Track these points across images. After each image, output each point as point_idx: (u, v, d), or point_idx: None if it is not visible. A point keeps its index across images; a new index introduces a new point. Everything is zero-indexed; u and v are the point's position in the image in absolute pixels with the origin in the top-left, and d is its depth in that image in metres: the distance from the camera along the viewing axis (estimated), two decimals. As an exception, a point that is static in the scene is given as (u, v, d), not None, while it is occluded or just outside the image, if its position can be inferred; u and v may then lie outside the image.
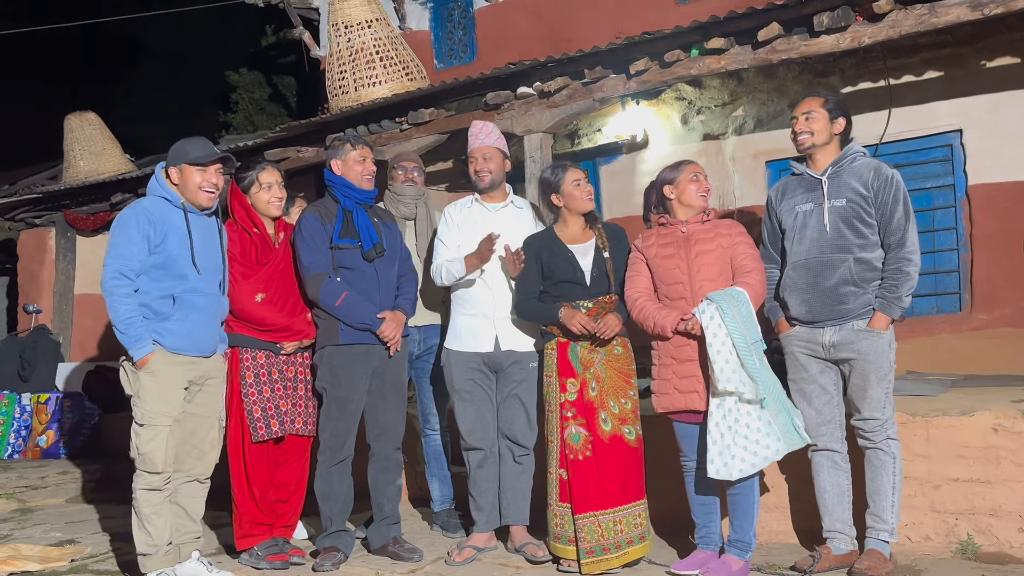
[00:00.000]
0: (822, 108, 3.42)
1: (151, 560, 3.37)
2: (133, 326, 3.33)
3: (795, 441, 3.30)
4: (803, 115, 3.44)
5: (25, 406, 7.19)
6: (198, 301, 3.45)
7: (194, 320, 3.43)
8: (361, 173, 3.86)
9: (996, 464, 3.51)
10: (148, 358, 3.35)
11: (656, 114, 6.58)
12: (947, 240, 5.54)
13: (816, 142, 3.42)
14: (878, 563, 3.28)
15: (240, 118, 13.62)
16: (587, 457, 3.51)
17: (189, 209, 3.50)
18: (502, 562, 3.75)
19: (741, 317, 3.25)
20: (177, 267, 3.42)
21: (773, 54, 4.62)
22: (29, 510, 5.37)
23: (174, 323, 3.40)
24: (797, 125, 3.46)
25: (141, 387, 3.38)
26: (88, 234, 8.66)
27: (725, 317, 3.24)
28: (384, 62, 6.24)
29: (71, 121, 8.41)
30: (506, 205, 3.95)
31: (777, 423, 3.28)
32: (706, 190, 3.51)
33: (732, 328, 3.23)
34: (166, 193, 3.50)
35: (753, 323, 3.28)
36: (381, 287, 3.80)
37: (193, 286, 3.44)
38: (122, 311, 3.32)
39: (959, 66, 5.33)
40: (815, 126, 3.41)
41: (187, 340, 3.42)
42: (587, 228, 3.72)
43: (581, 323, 3.52)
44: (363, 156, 3.87)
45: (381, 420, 3.85)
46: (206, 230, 3.56)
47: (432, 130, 5.92)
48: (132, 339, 3.33)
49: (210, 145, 3.57)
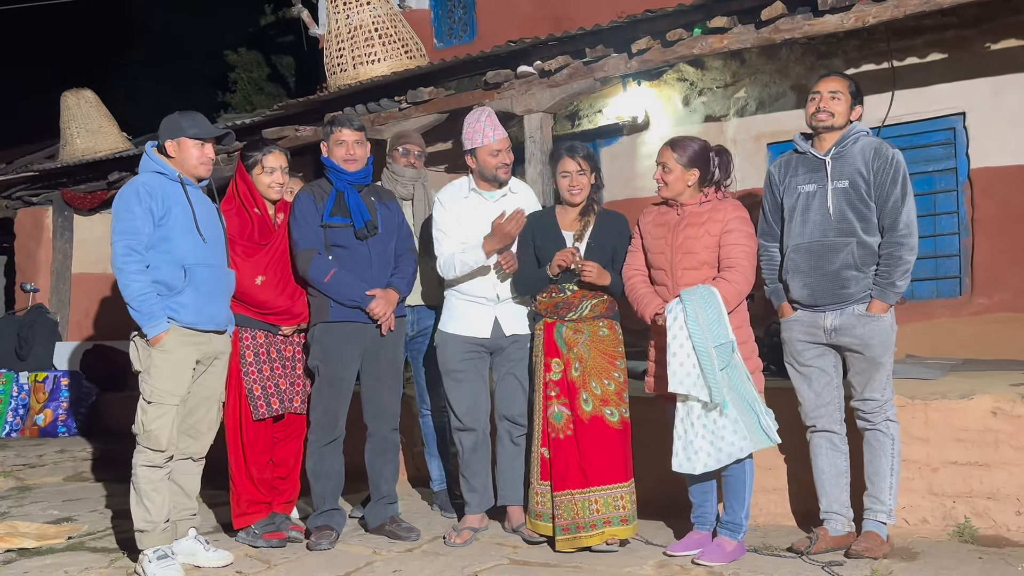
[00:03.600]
0: (847, 91, 3.35)
1: (149, 537, 3.36)
2: (147, 303, 3.30)
3: (762, 441, 3.28)
4: (830, 93, 3.35)
5: (23, 385, 7.19)
6: (208, 273, 3.44)
7: (206, 292, 3.42)
8: (341, 156, 3.78)
9: (995, 447, 3.50)
10: (162, 336, 3.33)
11: (657, 95, 6.54)
12: (948, 224, 5.52)
13: (835, 124, 3.35)
14: (875, 545, 3.28)
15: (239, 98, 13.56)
16: (568, 436, 3.51)
17: (186, 181, 3.48)
18: (499, 542, 3.75)
19: (706, 319, 3.21)
20: (184, 238, 3.40)
21: (776, 34, 4.58)
22: (27, 488, 5.38)
23: (187, 296, 3.38)
24: (821, 101, 3.35)
25: (152, 364, 3.36)
26: (85, 213, 8.62)
27: (688, 320, 3.22)
28: (383, 39, 6.17)
29: (68, 99, 8.34)
30: (505, 194, 3.86)
31: (744, 421, 3.25)
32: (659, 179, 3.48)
33: (693, 331, 3.21)
34: (161, 167, 3.47)
35: (720, 325, 3.22)
36: (374, 265, 3.78)
37: (201, 258, 3.43)
38: (135, 287, 3.30)
39: (963, 48, 5.28)
40: (838, 108, 3.34)
41: (201, 313, 3.41)
42: (579, 217, 3.67)
43: (562, 256, 3.49)
44: (342, 139, 3.78)
45: (377, 400, 3.84)
46: (204, 202, 3.56)
47: (431, 109, 5.87)
48: (146, 316, 3.31)
49: (206, 120, 3.56)
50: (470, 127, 3.79)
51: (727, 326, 3.24)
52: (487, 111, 3.85)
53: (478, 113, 3.83)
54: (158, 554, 3.34)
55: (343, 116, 3.93)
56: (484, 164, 3.77)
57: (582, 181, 3.60)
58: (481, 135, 3.75)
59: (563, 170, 3.61)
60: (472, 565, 3.42)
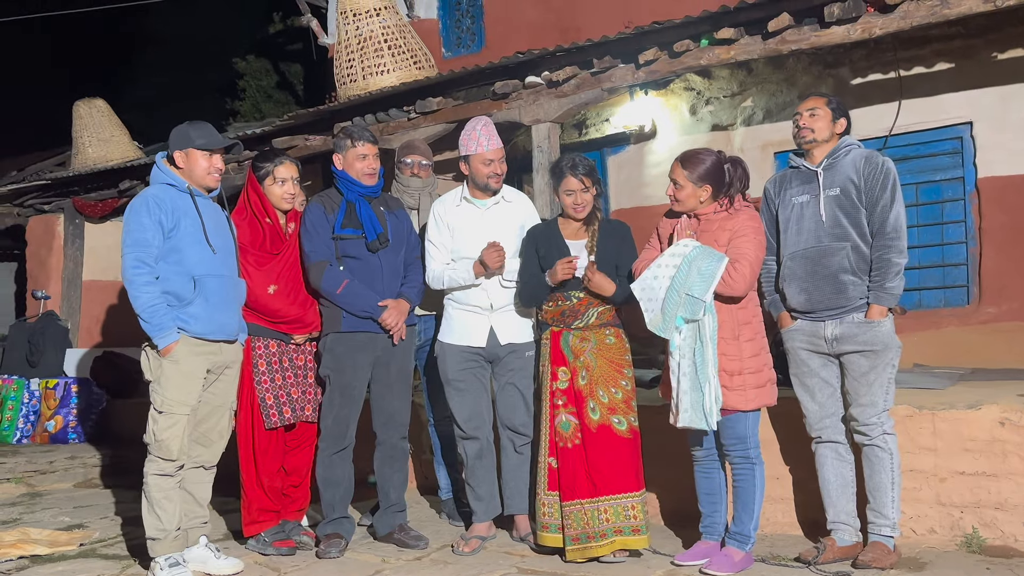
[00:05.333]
0: (826, 107, 3.45)
1: (160, 544, 3.39)
2: (157, 314, 3.33)
3: (700, 421, 3.28)
4: (807, 111, 3.47)
5: (34, 391, 7.24)
6: (217, 283, 3.46)
7: (216, 303, 3.45)
8: (362, 170, 3.81)
9: (1002, 458, 3.50)
10: (172, 347, 3.36)
11: (664, 104, 6.56)
12: (956, 233, 5.52)
13: (818, 139, 3.45)
14: (882, 555, 3.28)
15: (247, 106, 13.62)
16: (575, 445, 3.52)
17: (196, 192, 3.52)
18: (507, 550, 3.77)
19: (699, 269, 3.27)
20: (193, 249, 3.43)
21: (783, 44, 4.60)
22: (38, 494, 5.41)
23: (197, 307, 3.41)
24: (801, 121, 3.49)
25: (162, 374, 3.39)
26: (96, 221, 8.68)
27: (686, 260, 3.28)
28: (392, 50, 6.22)
29: (80, 108, 8.41)
30: (497, 202, 3.89)
31: (692, 396, 3.28)
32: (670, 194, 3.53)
33: (682, 268, 3.28)
34: (171, 179, 3.50)
35: (704, 283, 3.26)
36: (385, 276, 3.81)
37: (211, 268, 3.45)
38: (144, 299, 3.33)
39: (970, 58, 5.30)
40: (818, 124, 3.44)
41: (210, 323, 3.43)
42: (583, 227, 3.69)
43: (564, 265, 3.53)
44: (364, 153, 3.81)
45: (387, 408, 3.87)
46: (214, 213, 3.59)
47: (440, 119, 5.91)
48: (156, 327, 3.34)
49: (215, 131, 3.58)
50: (467, 134, 3.85)
51: (709, 289, 3.26)
52: (485, 120, 3.90)
53: (476, 121, 3.89)
54: (170, 561, 3.37)
55: (360, 129, 3.94)
56: (476, 172, 3.83)
57: (586, 198, 3.62)
58: (476, 143, 3.80)
59: (566, 188, 3.62)
60: (480, 574, 3.44)
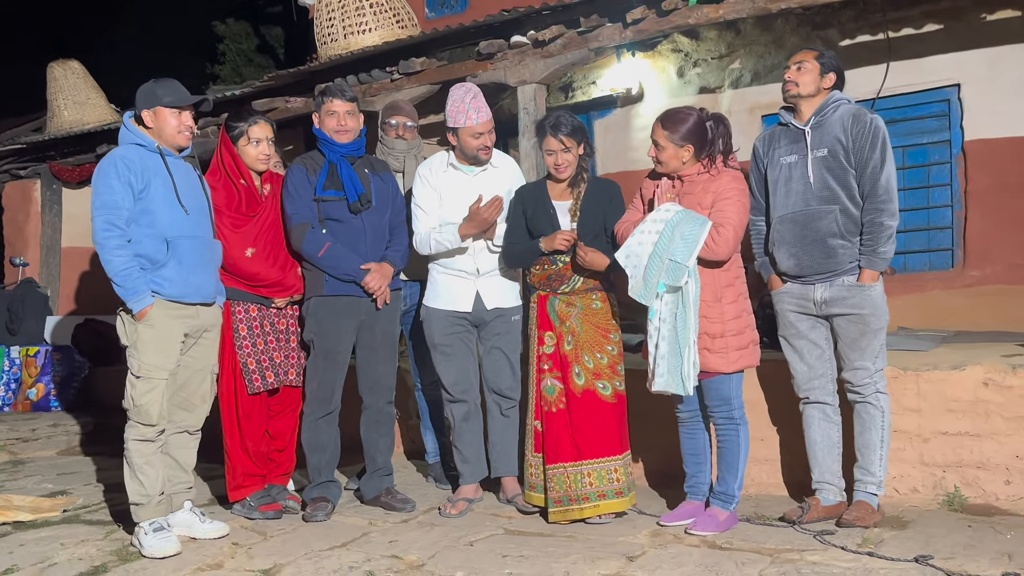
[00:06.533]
0: (814, 60, 3.39)
1: (144, 510, 3.36)
2: (130, 278, 3.27)
3: (677, 387, 3.28)
4: (795, 65, 3.42)
5: (15, 359, 7.17)
6: (191, 245, 3.39)
7: (190, 264, 3.38)
8: (332, 127, 3.73)
9: (985, 418, 3.54)
10: (147, 310, 3.30)
11: (652, 67, 6.48)
12: (941, 196, 5.52)
13: (802, 92, 3.39)
14: (866, 514, 3.32)
15: (227, 69, 13.39)
16: (560, 409, 3.53)
17: (166, 152, 3.42)
18: (494, 512, 3.78)
19: (682, 234, 3.23)
20: (165, 210, 3.35)
21: (772, 3, 4.53)
22: (20, 462, 5.38)
23: (170, 270, 3.34)
24: (787, 74, 3.44)
25: (138, 339, 3.34)
26: (74, 186, 8.53)
27: (668, 224, 3.25)
28: (374, 8, 6.08)
29: (54, 70, 8.20)
30: (485, 168, 3.83)
31: (670, 360, 3.27)
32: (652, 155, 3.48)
33: (664, 234, 3.24)
34: (139, 139, 3.41)
35: (688, 247, 3.22)
36: (368, 238, 3.76)
37: (184, 230, 3.38)
38: (117, 263, 3.27)
39: (959, 19, 5.25)
40: (804, 77, 3.38)
41: (185, 286, 3.37)
42: (569, 188, 3.65)
43: (563, 238, 3.49)
44: (332, 110, 3.72)
45: (372, 373, 3.84)
46: (186, 173, 3.50)
47: (423, 80, 5.81)
48: (129, 291, 3.28)
49: (182, 88, 3.47)
50: (454, 106, 3.74)
51: (692, 254, 3.23)
52: (473, 91, 3.78)
53: (463, 92, 3.77)
54: (154, 526, 3.34)
55: (334, 86, 3.85)
56: (465, 144, 3.76)
57: (567, 158, 3.56)
58: (464, 116, 3.71)
59: (547, 148, 3.58)
60: (467, 535, 3.44)
